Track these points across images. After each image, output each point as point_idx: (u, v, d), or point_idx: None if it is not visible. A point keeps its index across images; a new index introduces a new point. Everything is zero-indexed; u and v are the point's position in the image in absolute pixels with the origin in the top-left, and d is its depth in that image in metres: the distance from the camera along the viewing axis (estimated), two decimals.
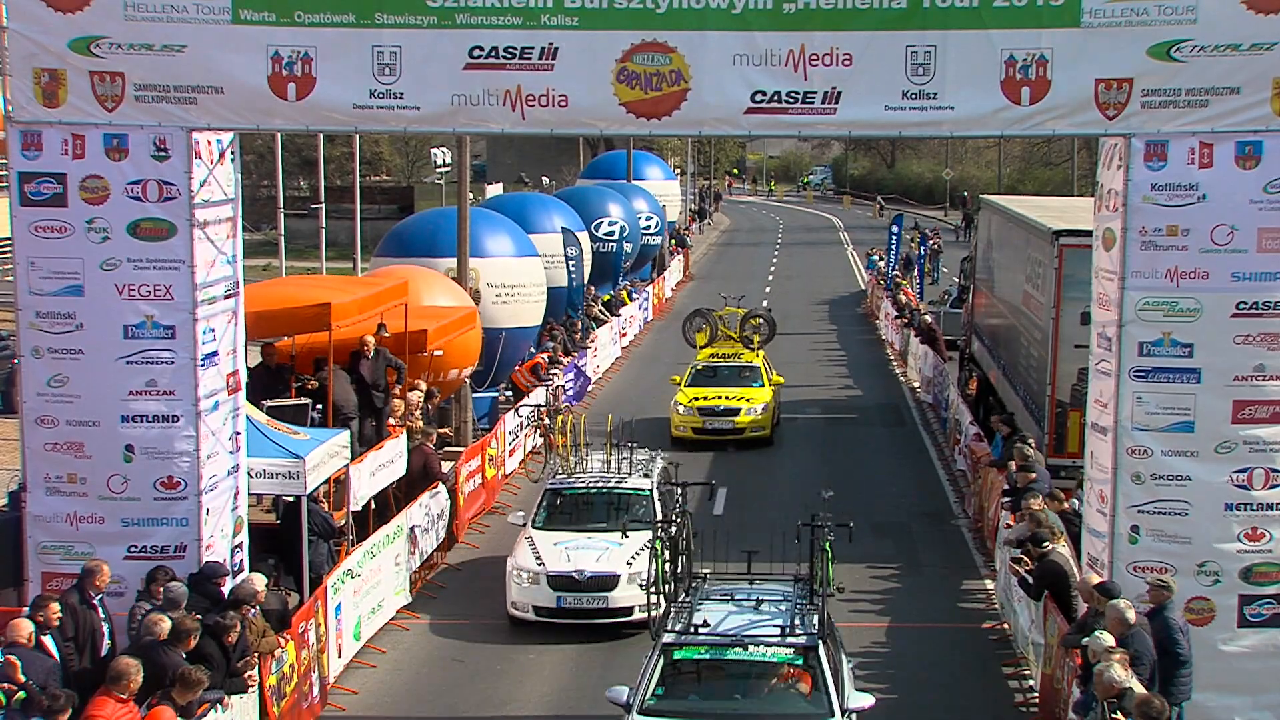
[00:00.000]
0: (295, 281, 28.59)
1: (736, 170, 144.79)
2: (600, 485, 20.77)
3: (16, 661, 12.49)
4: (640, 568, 17.80)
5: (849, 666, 14.65)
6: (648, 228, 52.11)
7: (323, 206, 44.26)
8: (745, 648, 13.70)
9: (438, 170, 62.49)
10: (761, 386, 30.72)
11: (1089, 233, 16.13)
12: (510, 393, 30.86)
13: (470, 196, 30.22)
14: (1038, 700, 16.33)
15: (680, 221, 74.10)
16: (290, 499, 17.67)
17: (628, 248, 47.64)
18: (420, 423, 22.80)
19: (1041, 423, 22.30)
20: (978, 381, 31.21)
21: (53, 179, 14.57)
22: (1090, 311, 15.73)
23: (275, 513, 18.65)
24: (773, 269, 67.21)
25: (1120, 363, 14.60)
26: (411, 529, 19.95)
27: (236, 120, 14.66)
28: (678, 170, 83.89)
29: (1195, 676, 14.11)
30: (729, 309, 34.15)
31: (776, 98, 14.35)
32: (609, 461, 21.26)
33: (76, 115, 14.47)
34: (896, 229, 55.53)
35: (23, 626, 13.05)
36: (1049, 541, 16.60)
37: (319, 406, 20.69)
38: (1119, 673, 12.43)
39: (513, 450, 27.16)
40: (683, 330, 34.08)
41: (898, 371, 40.04)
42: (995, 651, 18.42)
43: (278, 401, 19.85)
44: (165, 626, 13.35)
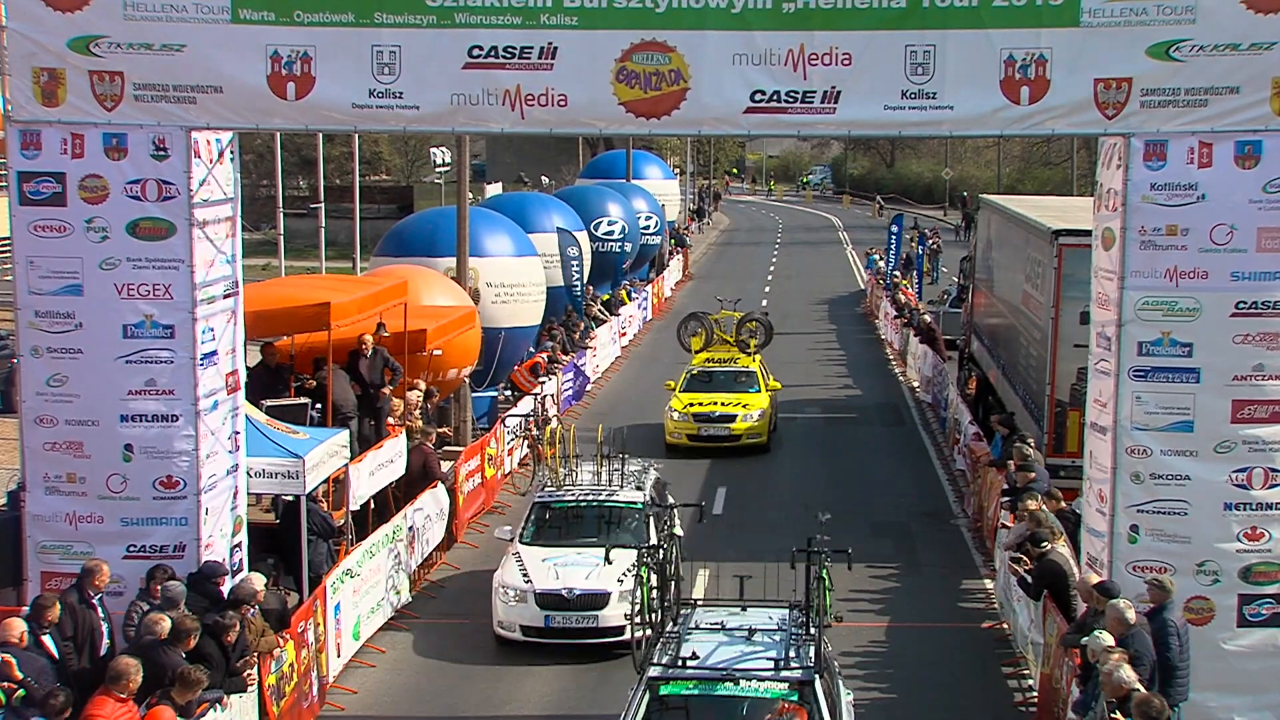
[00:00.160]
0: (294, 281, 28.61)
1: (736, 170, 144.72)
2: (590, 499, 19.96)
3: (12, 660, 12.48)
4: (632, 585, 17.04)
5: (848, 700, 13.87)
6: (647, 227, 52.10)
7: (322, 206, 44.26)
8: (737, 682, 12.65)
9: (437, 170, 62.54)
10: (758, 392, 29.90)
11: (1088, 232, 16.12)
12: (510, 392, 30.85)
13: (470, 196, 30.23)
14: (1037, 700, 16.33)
15: (679, 221, 74.09)
16: (289, 498, 17.66)
17: (627, 247, 47.65)
18: (420, 422, 22.79)
19: (1041, 422, 22.28)
20: (977, 381, 31.18)
21: (52, 178, 14.55)
22: (1089, 311, 15.72)
23: (274, 512, 18.64)
24: (772, 268, 67.20)
25: (1119, 362, 14.59)
26: (411, 528, 19.95)
27: (236, 120, 14.64)
28: (677, 170, 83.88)
29: (1195, 676, 14.09)
30: (725, 312, 33.46)
31: (776, 97, 14.34)
32: (599, 473, 20.50)
33: (76, 115, 14.46)
34: (896, 229, 55.53)
35: (14, 626, 13.01)
36: (1048, 541, 16.61)
37: (318, 406, 20.69)
38: (1128, 673, 12.40)
39: (511, 450, 27.10)
40: (677, 334, 33.35)
41: (897, 371, 40.03)
42: (995, 651, 18.41)
43: (277, 401, 19.86)
44: (165, 626, 13.34)
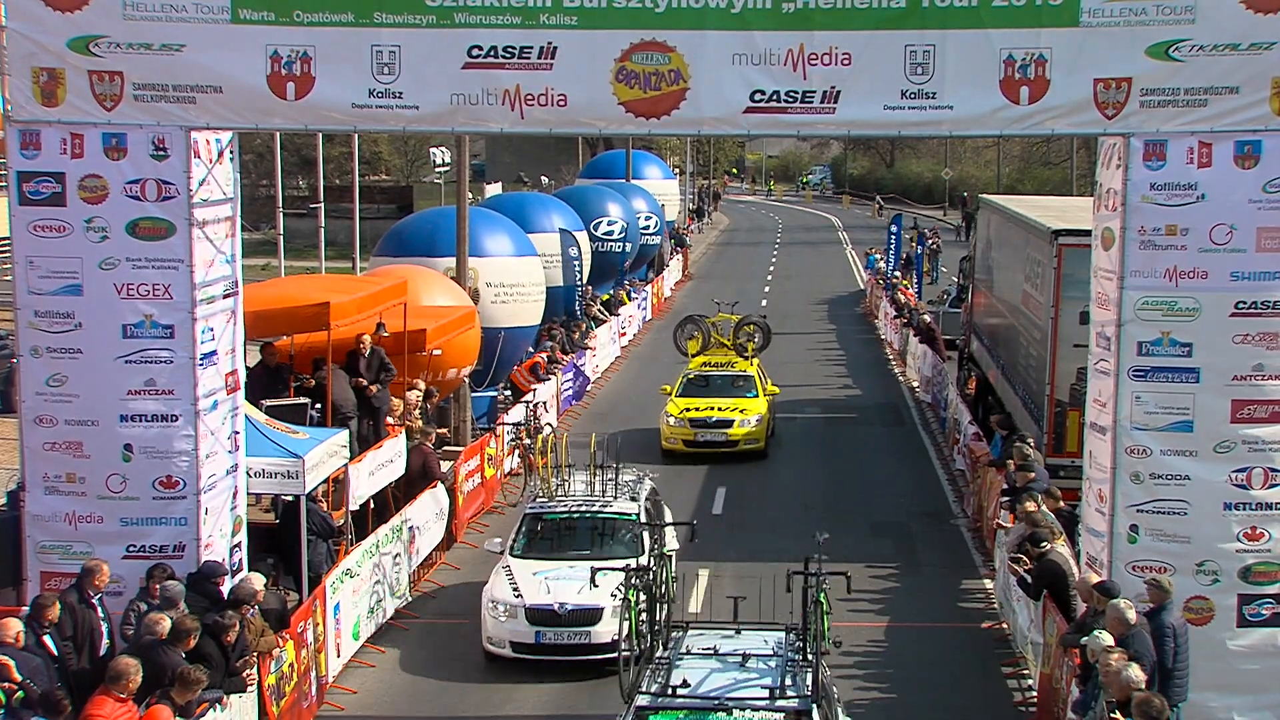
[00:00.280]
0: (294, 281, 28.63)
1: (735, 170, 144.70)
2: (583, 509, 19.30)
3: (10, 661, 12.46)
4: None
5: None
6: (647, 227, 52.11)
7: (322, 206, 44.21)
8: (729, 712, 12.09)
9: (436, 170, 62.56)
10: (756, 397, 29.32)
11: (1088, 232, 16.12)
12: (509, 392, 30.85)
13: (469, 196, 30.24)
14: (1036, 700, 16.33)
15: (679, 221, 74.09)
16: (289, 498, 17.66)
17: (627, 247, 47.65)
18: (419, 422, 22.79)
19: (1041, 422, 22.28)
20: (977, 381, 31.16)
21: (51, 178, 14.55)
22: (1089, 311, 15.72)
23: (274, 512, 18.65)
24: (772, 268, 67.20)
25: (1119, 362, 14.59)
26: (410, 528, 19.94)
27: (235, 120, 14.64)
28: (677, 170, 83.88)
29: (1195, 676, 14.09)
30: (722, 315, 32.91)
31: (776, 97, 14.34)
32: (592, 484, 19.84)
33: (75, 114, 14.45)
34: (895, 229, 55.52)
35: (10, 626, 13.00)
36: (1047, 541, 16.61)
37: (318, 406, 20.68)
38: (1136, 673, 12.39)
39: (510, 450, 27.06)
40: (674, 338, 32.80)
41: (897, 371, 40.02)
42: (994, 651, 18.41)
43: (277, 401, 19.85)
44: (165, 626, 13.34)
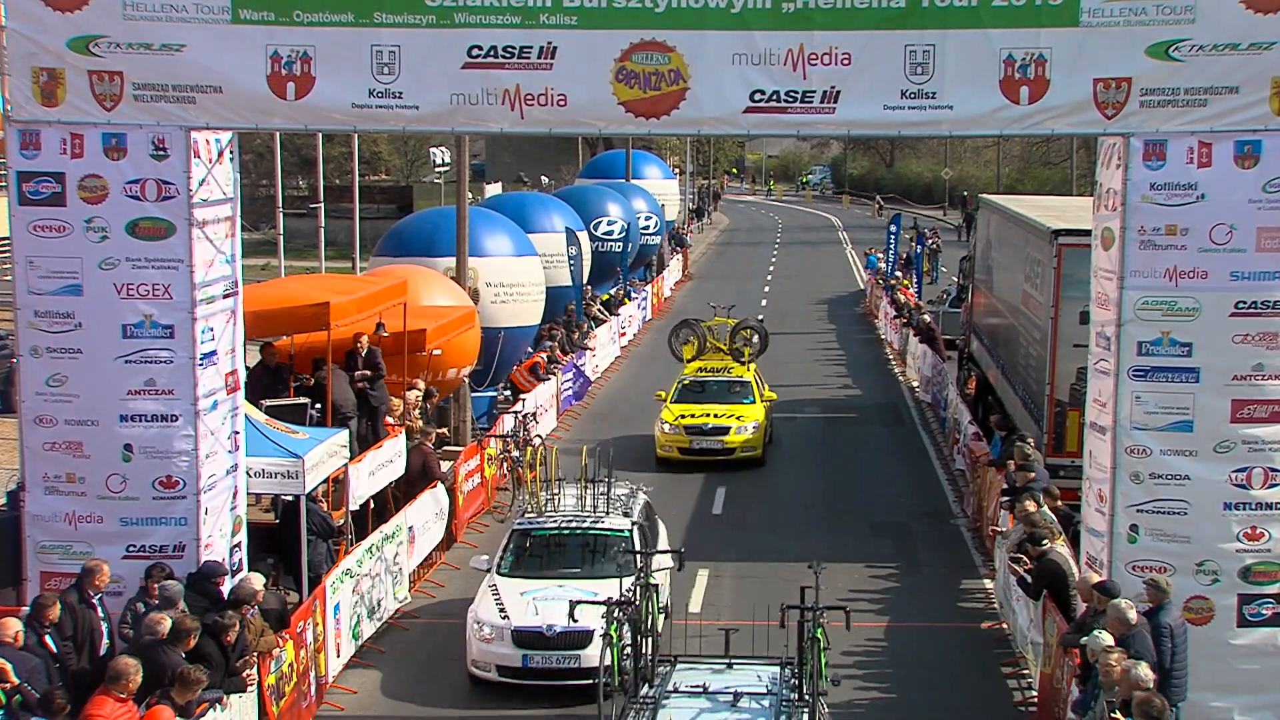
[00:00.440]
0: (294, 281, 28.61)
1: (735, 170, 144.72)
2: (574, 525, 18.46)
3: (7, 665, 12.45)
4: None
5: None
6: (646, 227, 52.12)
7: (322, 206, 44.18)
8: None
9: (436, 170, 62.55)
10: (753, 403, 28.61)
11: (1088, 232, 16.11)
12: (509, 392, 30.86)
13: (469, 196, 30.24)
14: (1037, 699, 16.33)
15: (679, 221, 74.10)
16: (289, 498, 17.67)
17: (627, 247, 47.64)
18: (419, 422, 22.80)
19: (1040, 422, 22.28)
20: (977, 381, 31.18)
21: (51, 178, 14.55)
22: (1089, 311, 15.72)
23: (274, 512, 18.66)
24: (771, 268, 67.21)
25: (1119, 362, 14.59)
26: (410, 528, 19.94)
27: (235, 120, 14.64)
28: (676, 170, 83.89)
29: (1195, 676, 14.09)
30: (718, 319, 32.24)
31: (775, 97, 14.34)
32: (583, 498, 19.00)
33: (75, 114, 14.45)
34: (895, 228, 55.52)
35: (9, 625, 13.01)
36: (1047, 540, 16.61)
37: (318, 406, 20.68)
38: (1145, 672, 12.37)
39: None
40: (668, 343, 32.17)
41: (896, 371, 40.02)
42: (994, 651, 18.41)
43: (277, 401, 19.85)
44: (166, 626, 13.35)
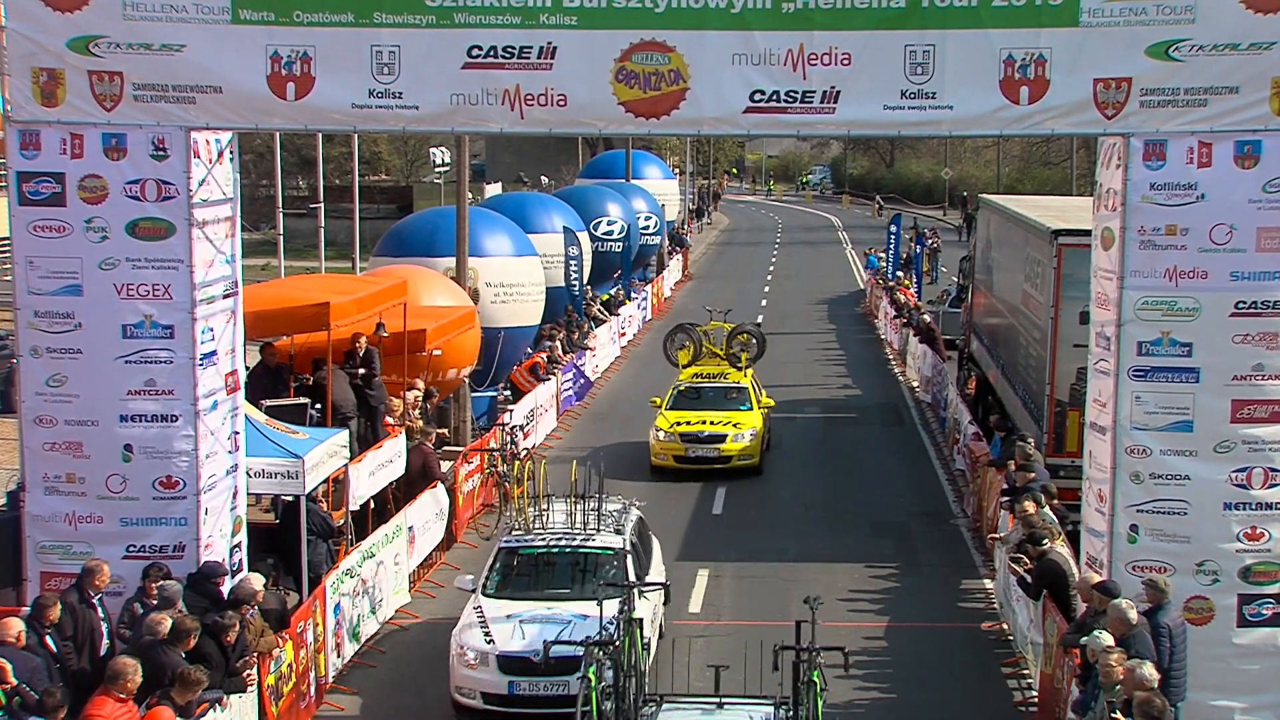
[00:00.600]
0: (294, 281, 28.62)
1: (735, 170, 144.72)
2: (563, 544, 17.65)
3: (7, 665, 12.46)
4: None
5: None
6: (646, 227, 52.10)
7: (321, 206, 44.18)
8: None
9: (436, 170, 62.54)
10: (750, 410, 27.90)
11: (1088, 232, 16.11)
12: (509, 392, 30.86)
13: (469, 196, 30.23)
14: (1037, 700, 16.33)
15: (679, 221, 74.11)
16: (289, 499, 17.67)
17: (627, 247, 47.62)
18: (419, 422, 22.80)
19: (1040, 422, 22.27)
20: (976, 381, 31.18)
21: (51, 178, 14.54)
22: (1089, 311, 15.72)
23: (274, 512, 18.66)
24: (771, 268, 67.22)
25: (1119, 362, 14.59)
26: (410, 528, 19.94)
27: (235, 120, 14.64)
28: (676, 170, 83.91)
29: (1195, 676, 14.10)
30: (714, 323, 31.46)
31: (775, 97, 14.34)
32: (573, 514, 18.14)
33: (75, 115, 14.45)
34: (895, 228, 55.52)
35: (11, 625, 13.02)
36: (1047, 540, 16.61)
37: (318, 406, 20.68)
38: (1150, 671, 12.37)
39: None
40: (663, 348, 31.26)
41: (896, 371, 40.01)
42: (994, 651, 18.41)
43: (277, 401, 19.85)
44: (166, 626, 13.35)
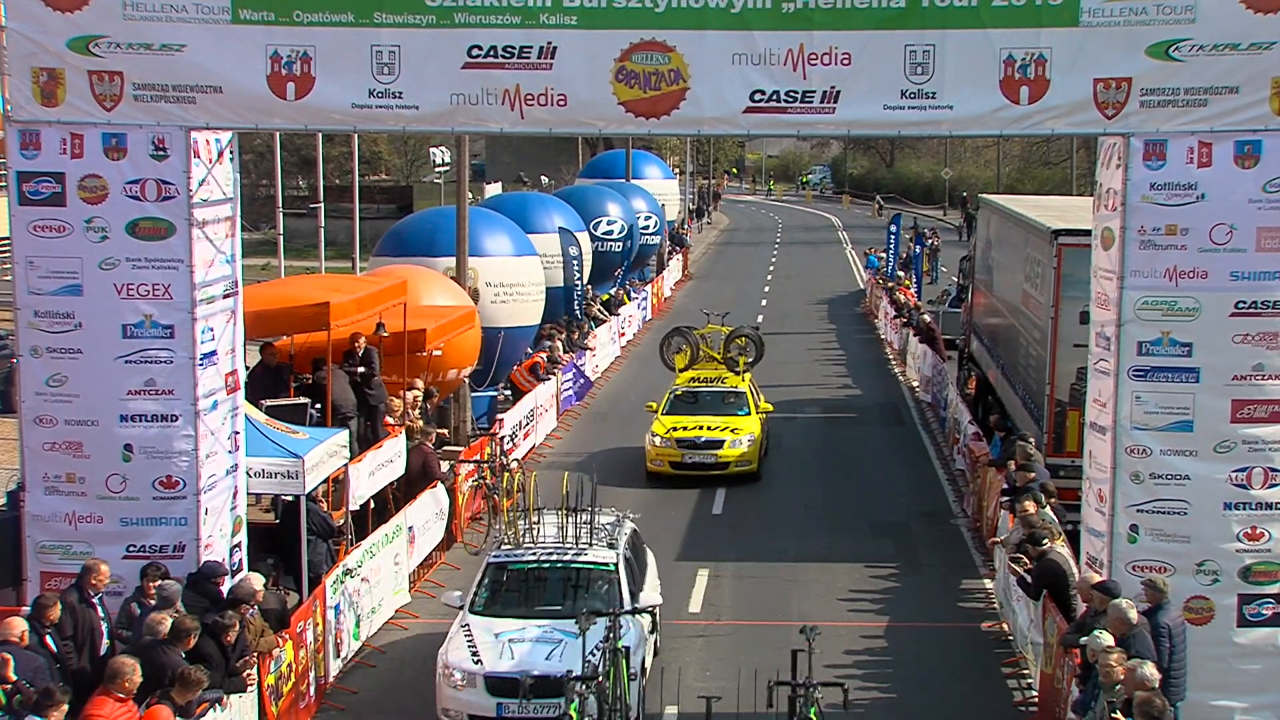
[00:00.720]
0: (294, 281, 28.63)
1: (735, 170, 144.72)
2: (554, 559, 16.98)
3: (9, 657, 12.47)
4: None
5: None
6: (646, 227, 52.09)
7: (322, 206, 44.19)
8: None
9: (436, 170, 62.59)
10: (748, 415, 27.38)
11: (1088, 232, 16.12)
12: (509, 392, 30.87)
13: (469, 196, 30.24)
14: (1037, 699, 16.33)
15: (679, 221, 74.11)
16: (289, 498, 17.67)
17: (627, 247, 47.63)
18: (420, 422, 22.80)
19: (1041, 422, 22.27)
20: (977, 381, 31.18)
21: (51, 178, 14.55)
22: (1089, 311, 15.72)
23: (274, 512, 18.66)
24: (771, 268, 67.21)
25: (1119, 362, 14.59)
26: (410, 528, 19.94)
27: (235, 120, 14.64)
28: (676, 170, 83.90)
29: (1195, 676, 14.10)
30: (711, 326, 30.84)
31: (775, 97, 14.35)
32: (565, 527, 17.41)
33: (75, 115, 14.45)
34: (895, 228, 55.52)
35: (15, 625, 13.04)
36: (1047, 540, 16.61)
37: (318, 406, 20.68)
38: (1150, 671, 12.37)
39: (510, 451, 26.90)
40: (660, 351, 30.70)
41: (896, 371, 40.00)
42: (994, 651, 18.40)
43: (277, 401, 19.85)
44: (166, 626, 13.35)
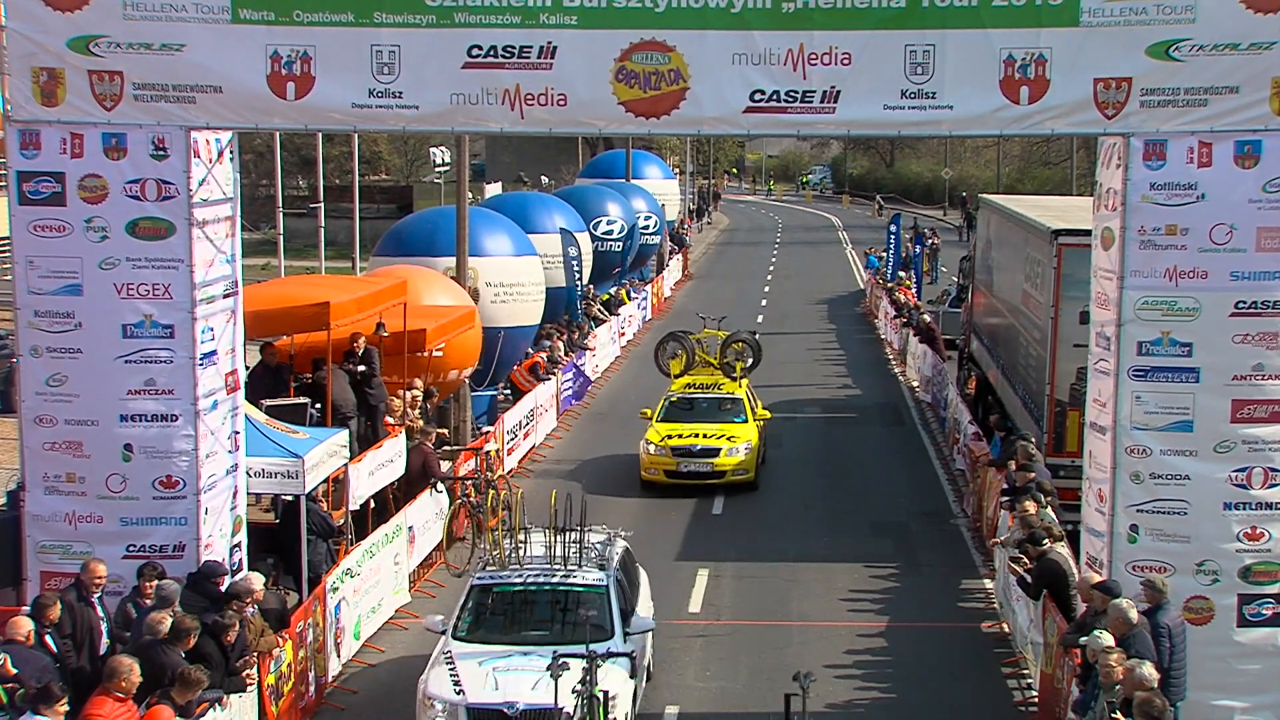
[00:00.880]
0: (294, 281, 28.63)
1: (735, 170, 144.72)
2: (541, 581, 16.16)
3: (6, 656, 12.47)
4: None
5: None
6: (646, 227, 52.10)
7: (321, 206, 44.21)
8: None
9: (436, 169, 62.60)
10: (745, 422, 26.85)
11: (1088, 232, 16.12)
12: (509, 392, 30.87)
13: (469, 196, 30.24)
14: (1037, 699, 16.33)
15: (679, 221, 74.11)
16: (289, 498, 17.67)
17: (627, 247, 47.63)
18: (420, 422, 22.79)
19: (1041, 422, 22.28)
20: (977, 381, 31.18)
21: (51, 178, 14.55)
22: (1089, 311, 15.72)
23: (274, 512, 18.66)
24: (771, 268, 67.21)
25: (1119, 362, 14.59)
26: (410, 528, 19.94)
27: (235, 119, 14.64)
28: (676, 170, 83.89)
29: (1195, 676, 14.10)
30: (708, 331, 30.36)
31: (775, 97, 14.34)
32: (553, 548, 16.49)
33: (75, 114, 14.45)
34: (895, 228, 55.52)
35: (22, 624, 13.06)
36: (1047, 541, 16.61)
37: (318, 405, 20.68)
38: (1149, 671, 12.37)
39: (510, 450, 26.94)
40: (655, 357, 30.00)
41: (896, 371, 40.01)
42: (994, 651, 18.41)
43: (277, 401, 19.85)
44: (166, 626, 13.35)
